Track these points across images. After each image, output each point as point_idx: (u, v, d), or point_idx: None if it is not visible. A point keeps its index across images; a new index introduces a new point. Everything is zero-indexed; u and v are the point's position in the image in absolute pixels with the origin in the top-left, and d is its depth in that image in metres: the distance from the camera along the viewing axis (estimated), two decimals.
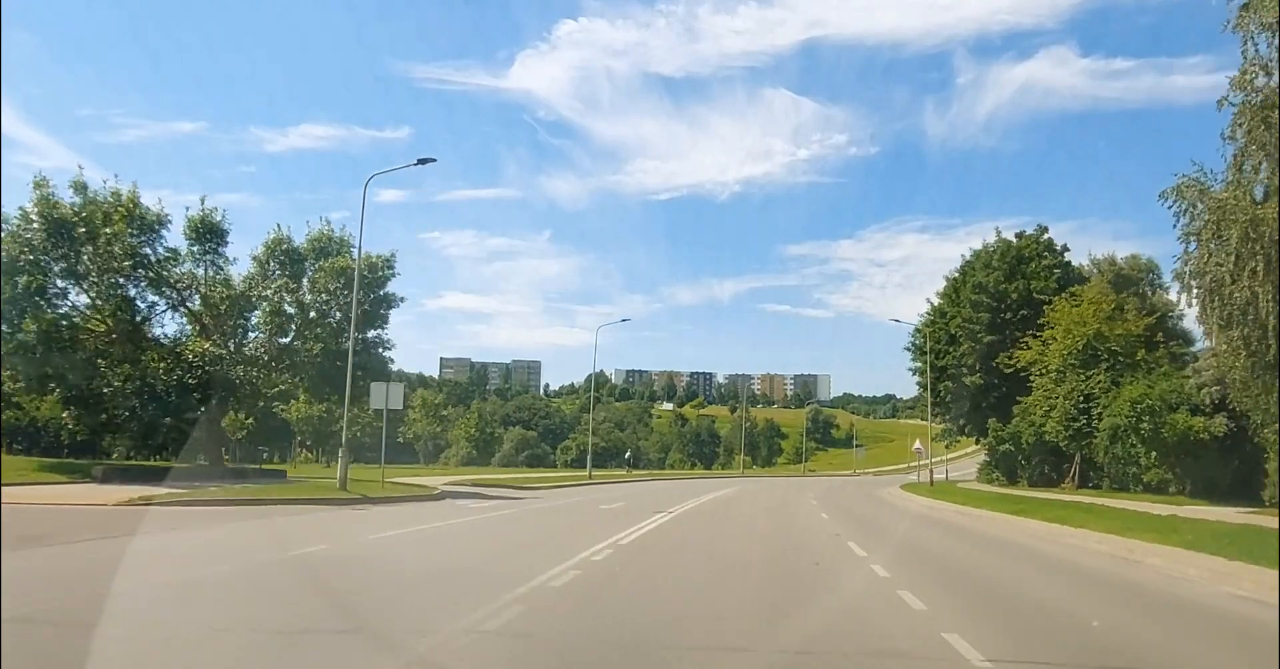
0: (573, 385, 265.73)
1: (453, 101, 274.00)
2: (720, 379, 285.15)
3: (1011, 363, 41.51)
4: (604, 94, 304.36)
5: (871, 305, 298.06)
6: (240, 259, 31.10)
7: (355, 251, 27.85)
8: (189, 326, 30.16)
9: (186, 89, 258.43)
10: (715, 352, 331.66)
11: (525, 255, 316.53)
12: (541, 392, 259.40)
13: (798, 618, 7.32)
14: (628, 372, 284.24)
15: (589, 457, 54.27)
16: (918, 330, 51.78)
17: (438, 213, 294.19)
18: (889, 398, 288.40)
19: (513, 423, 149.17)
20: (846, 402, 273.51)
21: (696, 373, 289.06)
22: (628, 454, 69.61)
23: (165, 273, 28.55)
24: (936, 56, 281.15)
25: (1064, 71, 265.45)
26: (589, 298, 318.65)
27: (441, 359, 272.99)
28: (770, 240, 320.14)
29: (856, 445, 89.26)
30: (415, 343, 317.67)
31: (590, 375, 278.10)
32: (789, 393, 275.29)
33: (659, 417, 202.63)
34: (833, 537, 15.57)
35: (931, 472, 47.86)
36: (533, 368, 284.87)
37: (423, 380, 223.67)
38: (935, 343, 48.41)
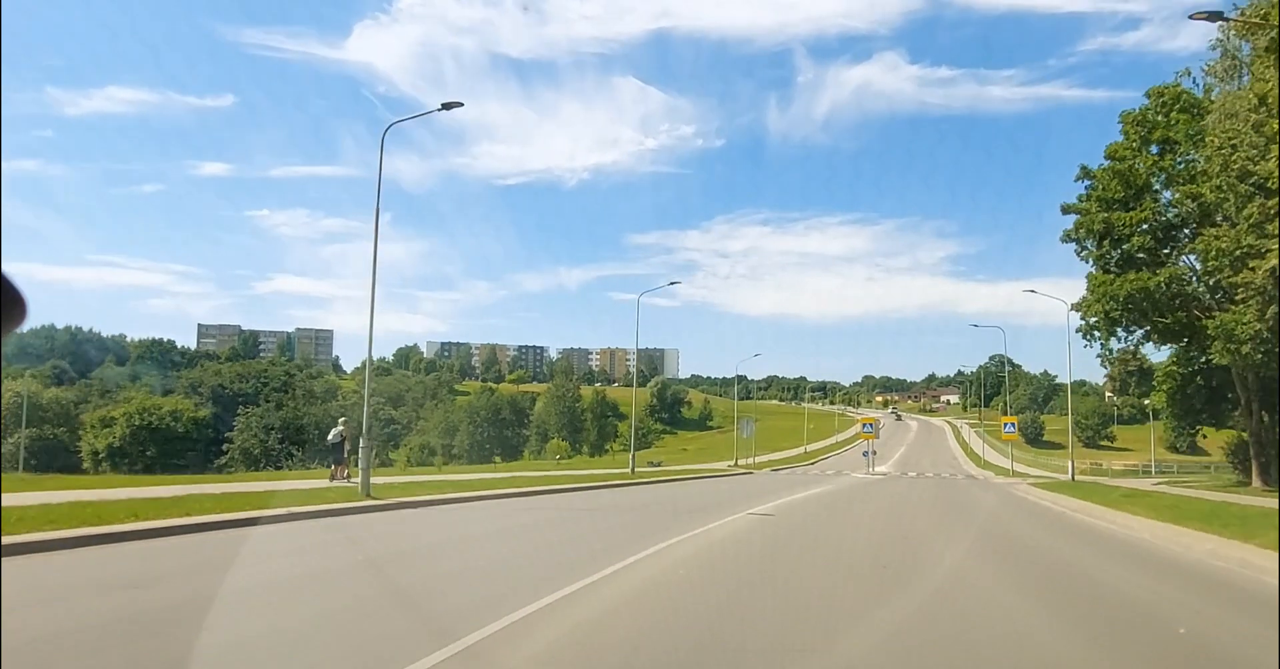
0: (371, 358, 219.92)
1: (283, 70, 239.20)
2: (553, 354, 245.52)
3: None
4: (449, 72, 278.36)
5: (716, 295, 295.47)
6: None
7: None
8: None
9: None
10: (561, 339, 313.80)
11: (364, 237, 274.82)
12: (332, 366, 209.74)
13: None
14: (442, 344, 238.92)
15: None
16: None
17: (267, 189, 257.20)
18: (741, 379, 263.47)
19: (246, 399, 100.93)
20: (696, 383, 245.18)
21: (525, 347, 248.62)
22: (334, 432, 20.80)
23: None
24: (779, 54, 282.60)
25: (894, 76, 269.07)
26: (432, 283, 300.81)
27: (200, 326, 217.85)
28: (618, 229, 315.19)
29: (742, 419, 50.87)
30: (244, 327, 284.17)
31: (402, 349, 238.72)
32: (632, 368, 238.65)
33: (468, 393, 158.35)
34: None
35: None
36: (322, 338, 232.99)
37: (158, 348, 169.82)
38: None
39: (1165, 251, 27.99)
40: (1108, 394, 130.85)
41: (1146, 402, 45.66)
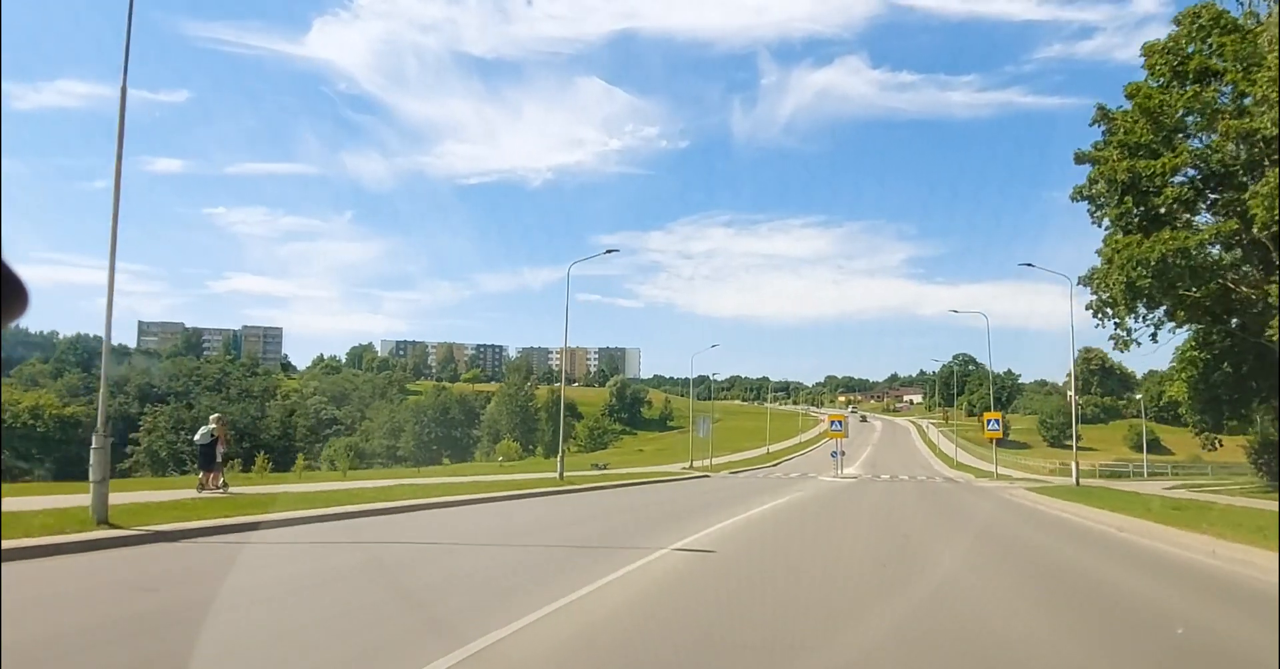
0: (322, 357, 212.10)
1: (240, 66, 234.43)
2: (512, 353, 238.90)
3: None
4: (411, 70, 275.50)
5: (680, 296, 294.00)
6: None
7: None
8: None
9: None
10: (524, 339, 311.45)
11: (324, 236, 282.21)
12: (281, 365, 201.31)
13: None
14: (397, 343, 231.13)
15: None
16: None
17: (223, 186, 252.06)
18: (702, 379, 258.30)
19: (176, 398, 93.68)
20: (659, 383, 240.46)
21: (483, 345, 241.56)
22: (203, 431, 14.38)
23: None
24: (743, 57, 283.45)
25: (857, 80, 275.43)
26: (395, 283, 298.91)
27: (140, 323, 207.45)
28: (582, 229, 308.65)
29: (699, 418, 45.82)
30: (188, 325, 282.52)
31: (355, 348, 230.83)
32: (593, 368, 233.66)
33: (420, 392, 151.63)
34: None
35: None
36: (270, 337, 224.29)
37: (83, 344, 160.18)
38: None
39: (1194, 210, 23.45)
40: (1069, 394, 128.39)
41: (1139, 397, 42.29)
